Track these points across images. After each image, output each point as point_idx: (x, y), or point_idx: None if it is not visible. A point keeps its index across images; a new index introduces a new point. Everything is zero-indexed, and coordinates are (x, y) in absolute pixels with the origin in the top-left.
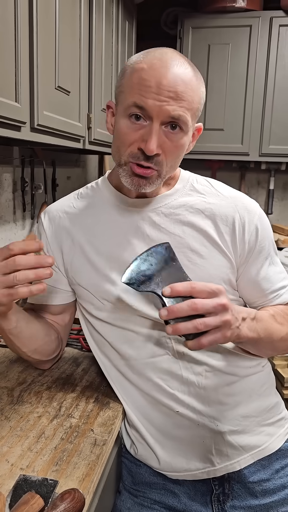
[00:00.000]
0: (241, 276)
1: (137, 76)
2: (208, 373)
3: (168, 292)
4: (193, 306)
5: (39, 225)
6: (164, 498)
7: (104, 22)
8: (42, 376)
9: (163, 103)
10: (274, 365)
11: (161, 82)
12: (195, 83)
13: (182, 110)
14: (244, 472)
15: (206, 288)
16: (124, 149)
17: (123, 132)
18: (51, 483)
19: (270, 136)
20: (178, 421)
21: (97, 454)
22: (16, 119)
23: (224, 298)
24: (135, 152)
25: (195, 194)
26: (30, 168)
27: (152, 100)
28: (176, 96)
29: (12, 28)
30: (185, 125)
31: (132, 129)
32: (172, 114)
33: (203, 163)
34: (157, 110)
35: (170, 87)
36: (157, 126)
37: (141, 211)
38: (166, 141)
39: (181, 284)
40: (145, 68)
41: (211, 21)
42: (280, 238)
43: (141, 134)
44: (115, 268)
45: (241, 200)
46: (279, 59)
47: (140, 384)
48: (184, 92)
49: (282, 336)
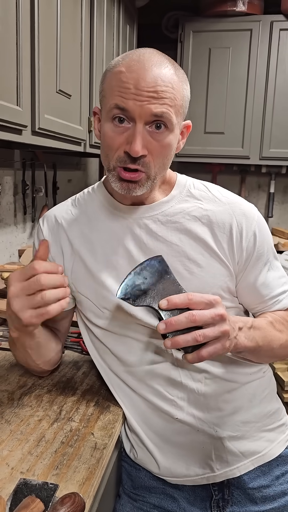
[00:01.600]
0: (240, 282)
1: (116, 79)
2: (207, 380)
3: (165, 305)
4: (192, 318)
5: (38, 232)
6: (164, 502)
7: (105, 26)
8: (42, 380)
9: (144, 102)
10: (274, 368)
11: (139, 83)
12: (176, 81)
13: (164, 107)
14: (244, 478)
15: (203, 299)
16: (111, 154)
17: (108, 136)
18: (52, 487)
19: (270, 139)
20: (177, 427)
21: (97, 458)
22: (17, 123)
23: (221, 309)
24: (121, 156)
25: (192, 200)
26: (31, 171)
27: (132, 100)
28: (157, 95)
29: (14, 32)
30: (170, 122)
31: (117, 132)
32: (154, 112)
33: (203, 166)
34: (139, 110)
35: (149, 87)
36: (140, 127)
37: (137, 218)
38: (151, 141)
39: (178, 296)
40: (123, 70)
41: (211, 25)
42: (281, 242)
43: (125, 136)
44: (113, 277)
45: (238, 205)
46: (280, 63)
47: (140, 390)
48: (165, 90)
49: (281, 343)
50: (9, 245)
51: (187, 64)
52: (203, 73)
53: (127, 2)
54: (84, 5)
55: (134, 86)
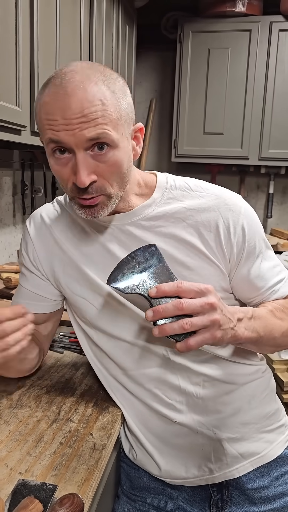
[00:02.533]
0: (233, 278)
1: (44, 112)
2: (206, 383)
3: (154, 292)
4: (179, 305)
5: (24, 233)
6: (163, 503)
7: (104, 26)
8: (41, 380)
9: (76, 130)
10: (273, 369)
11: (66, 113)
12: (106, 95)
13: (98, 127)
14: (243, 479)
15: (193, 287)
16: (65, 186)
17: (55, 170)
18: (50, 488)
19: (269, 140)
20: (176, 430)
21: (96, 458)
22: (16, 123)
23: (212, 297)
24: (73, 188)
25: (174, 202)
26: (30, 172)
27: (63, 131)
28: (87, 118)
29: (13, 32)
30: (111, 140)
31: (61, 164)
32: (88, 136)
33: (202, 167)
34: (73, 139)
35: (76, 114)
36: (81, 156)
37: (120, 225)
38: (98, 164)
39: (167, 284)
40: (47, 101)
41: (211, 25)
42: (280, 242)
43: (70, 167)
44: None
45: (223, 200)
46: (279, 63)
47: (138, 393)
48: (94, 111)
49: (283, 332)
50: (8, 246)
51: (186, 65)
52: (202, 74)
53: (126, 2)
54: (83, 6)
55: (62, 117)
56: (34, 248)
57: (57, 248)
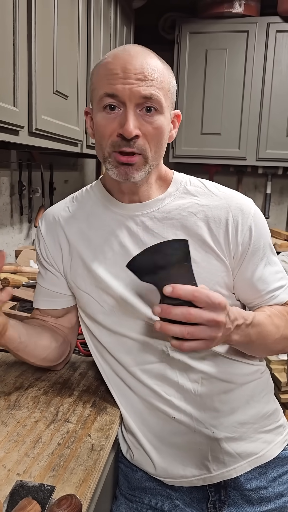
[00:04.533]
0: (236, 277)
1: (104, 69)
2: (204, 381)
3: (169, 291)
4: (187, 315)
5: (37, 232)
6: (160, 503)
7: (102, 27)
8: (39, 381)
9: (133, 85)
10: (271, 369)
11: (126, 67)
12: (162, 67)
13: (153, 89)
14: (240, 479)
15: (208, 300)
16: (105, 141)
17: (101, 125)
18: (48, 489)
19: (267, 140)
20: (174, 428)
21: (94, 459)
22: (14, 123)
23: (221, 315)
24: (116, 140)
25: (188, 197)
26: (27, 172)
27: (121, 85)
28: (144, 77)
29: (11, 32)
30: (160, 105)
31: (109, 119)
32: (143, 93)
33: (200, 167)
34: (128, 93)
35: (136, 70)
36: (131, 109)
37: (134, 215)
38: (144, 123)
39: (184, 287)
40: (109, 60)
41: (208, 26)
42: (277, 242)
43: (118, 121)
44: (111, 273)
45: (235, 200)
46: (276, 64)
47: (137, 389)
48: (152, 73)
49: (276, 339)
50: (6, 246)
51: (184, 66)
52: (200, 74)
53: (124, 3)
54: (81, 6)
55: (122, 71)
56: (46, 244)
57: (66, 242)
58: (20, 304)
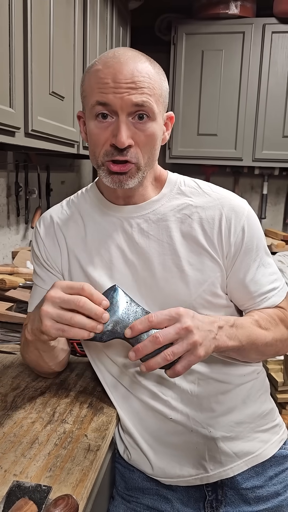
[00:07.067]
0: (229, 277)
1: (94, 77)
2: (201, 381)
3: (130, 334)
4: (156, 340)
5: (35, 234)
6: (157, 503)
7: (98, 28)
8: (36, 382)
9: (124, 94)
10: (267, 369)
11: (117, 77)
12: (153, 72)
13: (144, 96)
14: (237, 478)
15: (164, 316)
16: (98, 150)
17: (93, 133)
18: (45, 489)
19: (263, 141)
20: (171, 427)
21: (90, 459)
22: (10, 125)
23: (187, 321)
24: (109, 150)
25: (182, 197)
26: (24, 173)
27: (112, 94)
28: (135, 86)
29: (6, 33)
30: (152, 112)
31: (102, 128)
32: (134, 101)
33: (197, 168)
34: (120, 102)
35: (127, 79)
36: (123, 118)
37: (129, 218)
38: (136, 132)
39: (140, 322)
40: (100, 68)
41: (204, 27)
42: (274, 243)
43: (110, 130)
44: (108, 275)
45: (228, 200)
46: (272, 65)
47: (134, 390)
48: (142, 80)
49: (267, 342)
50: (2, 247)
51: (180, 67)
52: (196, 75)
53: (120, 4)
54: (77, 7)
55: (112, 80)
56: (45, 246)
57: (64, 244)
58: (16, 305)
